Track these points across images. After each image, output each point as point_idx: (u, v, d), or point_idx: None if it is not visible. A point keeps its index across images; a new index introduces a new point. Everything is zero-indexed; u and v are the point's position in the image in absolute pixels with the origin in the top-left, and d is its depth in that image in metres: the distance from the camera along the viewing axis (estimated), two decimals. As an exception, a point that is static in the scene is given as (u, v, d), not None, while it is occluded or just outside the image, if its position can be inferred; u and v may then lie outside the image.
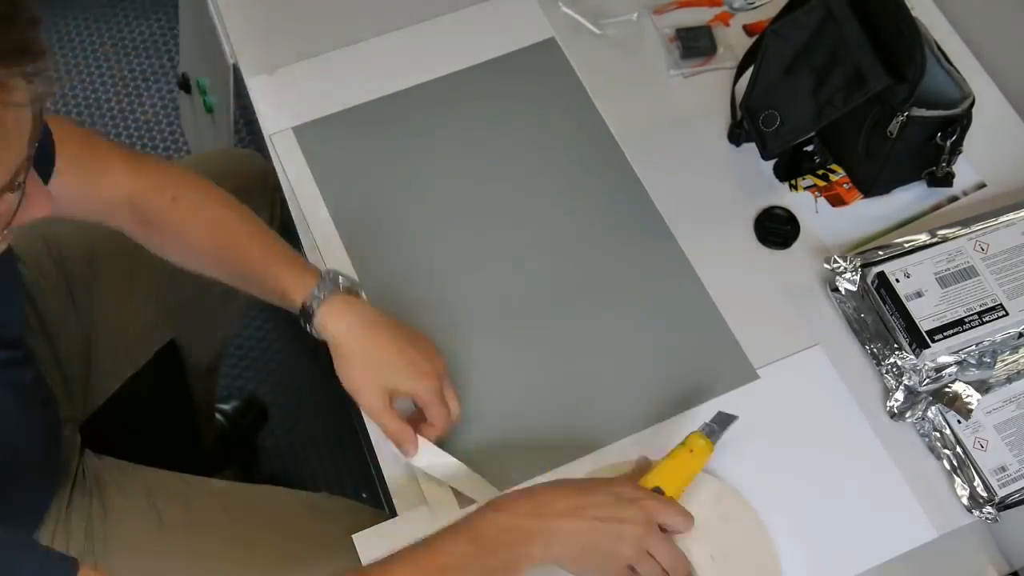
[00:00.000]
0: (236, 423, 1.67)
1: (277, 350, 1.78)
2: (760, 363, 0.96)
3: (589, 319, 0.98)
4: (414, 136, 1.08)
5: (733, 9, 1.17)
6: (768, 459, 0.91)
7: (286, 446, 1.70)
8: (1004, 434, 0.91)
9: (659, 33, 1.15)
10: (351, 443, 1.66)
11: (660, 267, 1.01)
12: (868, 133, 0.99)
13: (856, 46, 0.94)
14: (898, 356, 0.93)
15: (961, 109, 0.96)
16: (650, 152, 1.07)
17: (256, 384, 1.75)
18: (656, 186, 1.05)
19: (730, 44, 1.14)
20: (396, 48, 1.13)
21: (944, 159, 0.99)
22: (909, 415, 0.93)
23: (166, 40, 2.08)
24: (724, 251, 1.02)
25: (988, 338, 0.92)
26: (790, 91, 0.98)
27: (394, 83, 1.10)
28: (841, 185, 1.06)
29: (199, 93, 1.53)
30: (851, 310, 0.98)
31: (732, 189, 1.06)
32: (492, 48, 1.13)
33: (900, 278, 0.94)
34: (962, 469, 0.90)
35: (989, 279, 0.94)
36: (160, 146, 1.98)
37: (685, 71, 1.12)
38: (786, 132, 0.99)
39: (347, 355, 0.87)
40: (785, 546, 0.87)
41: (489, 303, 0.99)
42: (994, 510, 0.88)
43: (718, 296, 0.99)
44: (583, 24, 1.16)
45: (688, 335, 0.98)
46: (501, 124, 1.09)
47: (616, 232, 1.03)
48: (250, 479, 1.64)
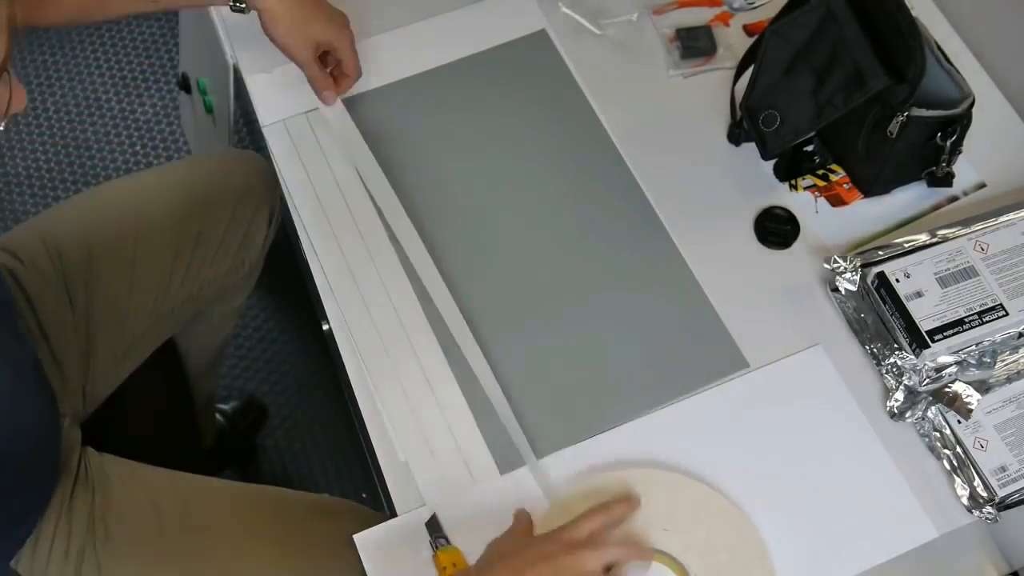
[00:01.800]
0: (236, 423, 1.67)
1: (277, 350, 1.78)
2: (759, 363, 0.96)
3: (581, 321, 0.98)
4: (406, 130, 1.08)
5: (733, 9, 1.17)
6: (767, 459, 0.91)
7: (286, 446, 1.70)
8: (1004, 434, 0.91)
9: (659, 33, 1.15)
10: (351, 443, 1.66)
11: (656, 267, 1.01)
12: (868, 133, 0.99)
13: (856, 46, 0.94)
14: (898, 356, 0.93)
15: (961, 109, 0.96)
16: (650, 152, 1.07)
17: (256, 384, 1.75)
18: (656, 186, 1.05)
19: (730, 44, 1.14)
20: (393, 45, 1.13)
21: (944, 159, 0.99)
22: (909, 415, 0.93)
23: (166, 40, 2.08)
24: (724, 251, 1.02)
25: (988, 338, 0.92)
26: (790, 91, 0.98)
27: (389, 76, 1.11)
28: (841, 185, 1.06)
29: (199, 93, 1.53)
30: (851, 310, 0.98)
31: (732, 189, 1.06)
32: (486, 46, 1.13)
33: (900, 278, 0.94)
34: (962, 469, 0.90)
35: (989, 279, 0.94)
36: (160, 146, 1.98)
37: (685, 71, 1.12)
38: (786, 132, 0.99)
39: (278, 16, 1.00)
40: (785, 546, 0.88)
41: (478, 301, 0.99)
42: (994, 510, 0.88)
43: (718, 296, 0.99)
44: (583, 24, 1.16)
45: (685, 335, 0.98)
46: (494, 124, 1.09)
47: (613, 233, 1.03)
48: (250, 479, 1.64)
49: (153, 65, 2.06)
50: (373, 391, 0.94)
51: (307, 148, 1.07)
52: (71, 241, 1.11)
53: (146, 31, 2.09)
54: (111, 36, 2.09)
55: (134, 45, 2.08)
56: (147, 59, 2.06)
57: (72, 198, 1.18)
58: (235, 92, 1.28)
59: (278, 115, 1.09)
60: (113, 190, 1.20)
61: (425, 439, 0.92)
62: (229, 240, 1.22)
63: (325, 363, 1.68)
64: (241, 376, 1.76)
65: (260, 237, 1.27)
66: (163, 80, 2.04)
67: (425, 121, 1.09)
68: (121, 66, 2.06)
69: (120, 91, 2.03)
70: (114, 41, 2.09)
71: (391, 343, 0.97)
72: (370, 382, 0.95)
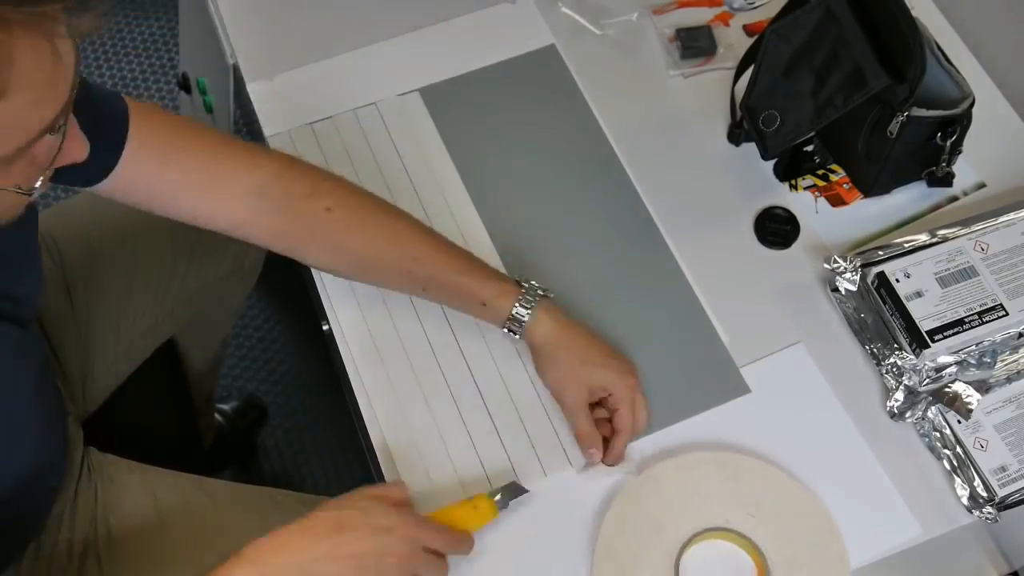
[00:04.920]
0: (236, 423, 1.67)
1: (277, 350, 1.78)
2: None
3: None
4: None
5: (733, 9, 1.17)
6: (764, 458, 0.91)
7: (286, 446, 1.70)
8: (1004, 434, 0.91)
9: (659, 33, 1.15)
10: (351, 443, 1.66)
11: (653, 267, 1.01)
12: (868, 133, 0.99)
13: (856, 46, 0.94)
14: (898, 356, 0.93)
15: (961, 109, 0.96)
16: (650, 152, 1.07)
17: (256, 384, 1.75)
18: (656, 187, 1.05)
19: (730, 44, 1.13)
20: (395, 54, 1.13)
21: (944, 159, 0.99)
22: (909, 415, 0.93)
23: (166, 40, 2.08)
24: (724, 251, 1.02)
25: (988, 338, 0.92)
26: (790, 91, 0.98)
27: (393, 88, 1.10)
28: (841, 185, 1.06)
29: (199, 93, 1.53)
30: (851, 310, 0.98)
31: (732, 189, 1.06)
32: (488, 54, 1.13)
33: (900, 278, 0.94)
34: (962, 469, 0.90)
35: (989, 279, 0.94)
36: (160, 146, 1.98)
37: (685, 71, 1.12)
38: (786, 132, 0.99)
39: (553, 354, 0.90)
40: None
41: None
42: (994, 510, 0.88)
43: (717, 295, 0.99)
44: (583, 25, 1.16)
45: (684, 334, 0.98)
46: (495, 130, 1.08)
47: (610, 233, 1.03)
48: (250, 479, 1.64)
49: (153, 65, 2.06)
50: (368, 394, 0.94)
51: (312, 158, 1.06)
52: (72, 241, 1.11)
53: (146, 31, 2.09)
54: (111, 36, 2.09)
55: (134, 45, 2.08)
56: (147, 59, 2.06)
57: (72, 198, 1.18)
58: (235, 92, 1.28)
59: (282, 125, 1.08)
60: (113, 190, 1.20)
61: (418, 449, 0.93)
62: (228, 240, 1.22)
63: (325, 363, 1.68)
64: (241, 376, 1.76)
65: (260, 237, 1.27)
66: (163, 80, 2.04)
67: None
68: (121, 66, 2.06)
69: (120, 91, 2.03)
70: (114, 41, 2.09)
71: (384, 346, 0.97)
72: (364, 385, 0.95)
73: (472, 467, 0.91)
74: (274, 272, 1.42)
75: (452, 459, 0.92)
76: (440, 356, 0.96)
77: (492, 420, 0.93)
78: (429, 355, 0.96)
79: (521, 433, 0.93)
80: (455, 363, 0.96)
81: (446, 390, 0.95)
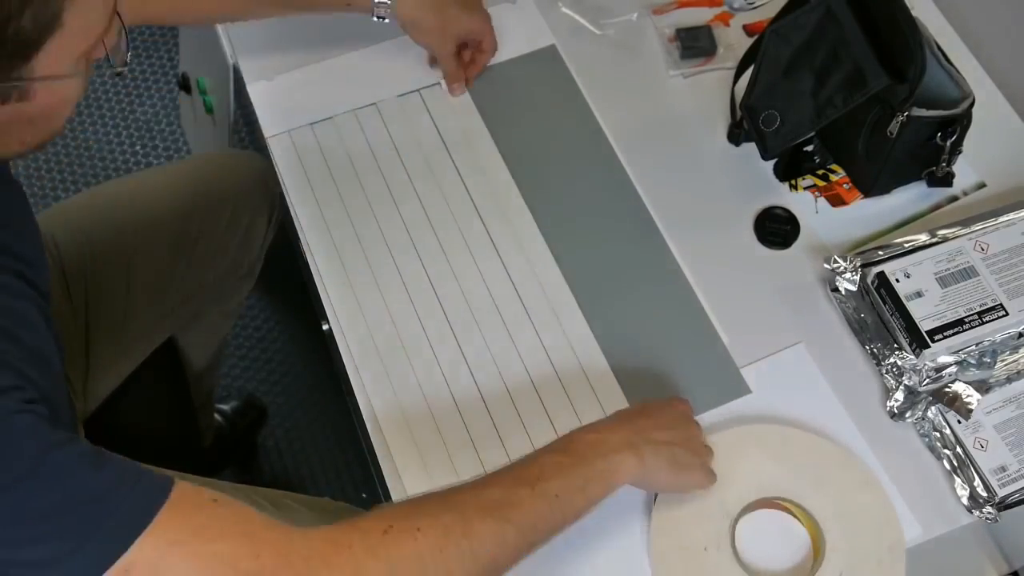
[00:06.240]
0: (235, 423, 1.67)
1: (277, 350, 1.78)
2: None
3: (585, 324, 0.98)
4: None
5: (733, 9, 1.17)
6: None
7: (286, 446, 1.70)
8: (1004, 434, 0.91)
9: (659, 33, 1.15)
10: (351, 443, 1.66)
11: (653, 267, 1.01)
12: (868, 133, 0.99)
13: (856, 46, 0.94)
14: (898, 356, 0.93)
15: (961, 109, 0.96)
16: (650, 152, 1.07)
17: (256, 384, 1.75)
18: (656, 187, 1.05)
19: (730, 44, 1.14)
20: (396, 54, 1.12)
21: (944, 159, 0.99)
22: (909, 415, 0.93)
23: (166, 40, 2.08)
24: (724, 251, 1.02)
25: (988, 338, 0.92)
26: (790, 91, 0.98)
27: (393, 88, 1.11)
28: (841, 185, 1.06)
29: (199, 93, 1.53)
30: (851, 310, 0.98)
31: (732, 189, 1.06)
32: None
33: (900, 278, 0.94)
34: (962, 469, 0.90)
35: (989, 279, 0.94)
36: (160, 146, 1.98)
37: (685, 71, 1.12)
38: (786, 132, 0.99)
39: (423, 18, 1.04)
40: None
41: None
42: (994, 510, 0.88)
43: (717, 295, 0.99)
44: (583, 25, 1.16)
45: (684, 334, 0.97)
46: (495, 130, 1.08)
47: (610, 233, 1.03)
48: (250, 479, 1.64)
49: (153, 65, 2.06)
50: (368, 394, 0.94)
51: (312, 159, 1.07)
52: (71, 240, 1.11)
53: (146, 31, 2.09)
54: (111, 36, 2.09)
55: (134, 45, 2.08)
56: (147, 59, 2.06)
57: (72, 197, 1.18)
58: (235, 92, 1.29)
59: (283, 126, 1.09)
60: (113, 190, 1.20)
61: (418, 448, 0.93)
62: (228, 240, 1.22)
63: (325, 363, 1.68)
64: (241, 376, 1.76)
65: (259, 237, 1.27)
66: (163, 80, 2.04)
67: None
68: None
69: (120, 91, 2.03)
70: (114, 41, 2.09)
71: (384, 346, 0.97)
72: (364, 385, 0.95)
73: (472, 466, 0.91)
74: (274, 272, 1.42)
75: (452, 459, 0.92)
76: (440, 356, 0.96)
77: (492, 419, 0.93)
78: (429, 355, 0.96)
79: (521, 433, 0.93)
80: (455, 363, 0.96)
81: (446, 390, 0.95)
